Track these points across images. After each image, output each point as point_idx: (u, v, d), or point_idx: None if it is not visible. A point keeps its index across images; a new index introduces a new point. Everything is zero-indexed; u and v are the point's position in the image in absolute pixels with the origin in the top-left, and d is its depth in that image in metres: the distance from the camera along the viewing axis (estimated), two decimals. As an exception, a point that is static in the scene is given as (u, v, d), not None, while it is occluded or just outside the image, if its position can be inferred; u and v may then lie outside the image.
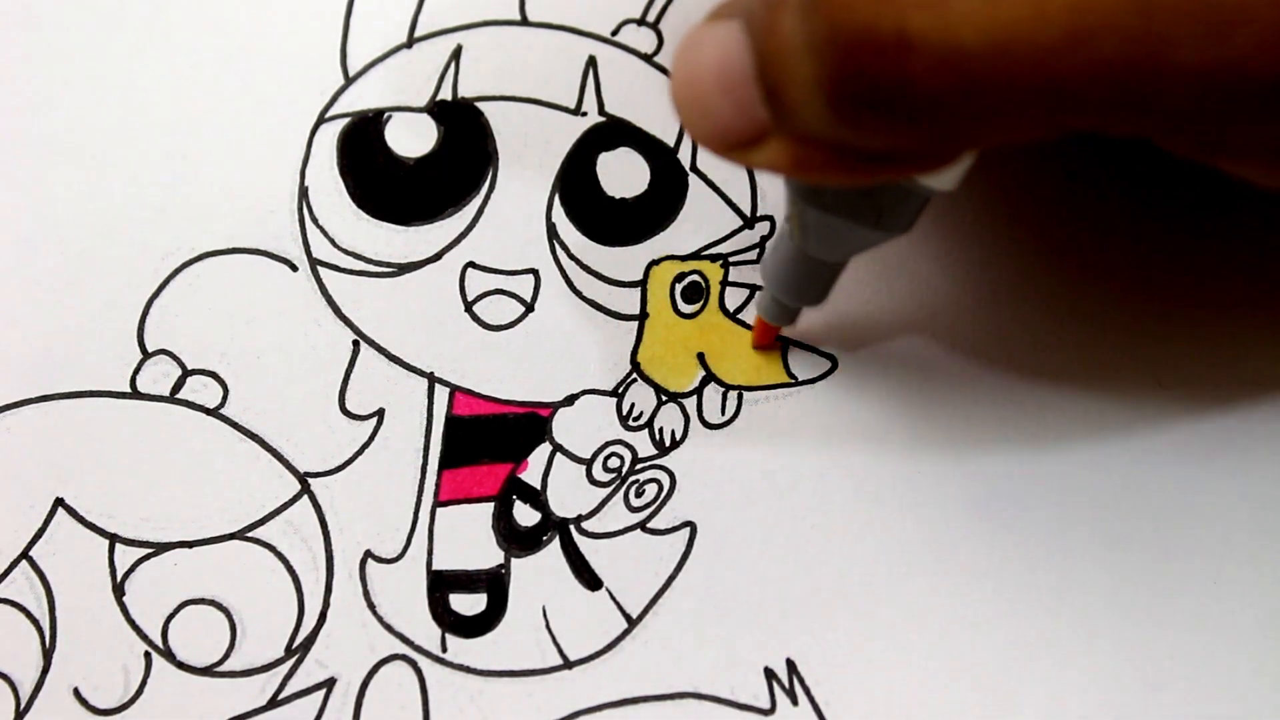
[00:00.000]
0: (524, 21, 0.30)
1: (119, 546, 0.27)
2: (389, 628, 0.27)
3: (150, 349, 0.29)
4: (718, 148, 0.19)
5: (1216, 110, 0.16)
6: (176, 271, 0.29)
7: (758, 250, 0.29)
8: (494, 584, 0.27)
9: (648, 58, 0.30)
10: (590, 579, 0.27)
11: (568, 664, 0.27)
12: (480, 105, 0.30)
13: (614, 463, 0.27)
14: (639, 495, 0.27)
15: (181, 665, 0.27)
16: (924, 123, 0.17)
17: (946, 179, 0.21)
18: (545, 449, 0.28)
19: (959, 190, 0.22)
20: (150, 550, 0.27)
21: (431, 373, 0.28)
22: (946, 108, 0.16)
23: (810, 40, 0.16)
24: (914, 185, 0.21)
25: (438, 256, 0.29)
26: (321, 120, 0.30)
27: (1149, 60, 0.15)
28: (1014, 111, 0.16)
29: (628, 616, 0.27)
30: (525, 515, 0.27)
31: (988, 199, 0.29)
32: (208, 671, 0.27)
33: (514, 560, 0.27)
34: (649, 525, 0.27)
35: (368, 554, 0.27)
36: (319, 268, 0.29)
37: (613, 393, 0.28)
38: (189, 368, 0.28)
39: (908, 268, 0.29)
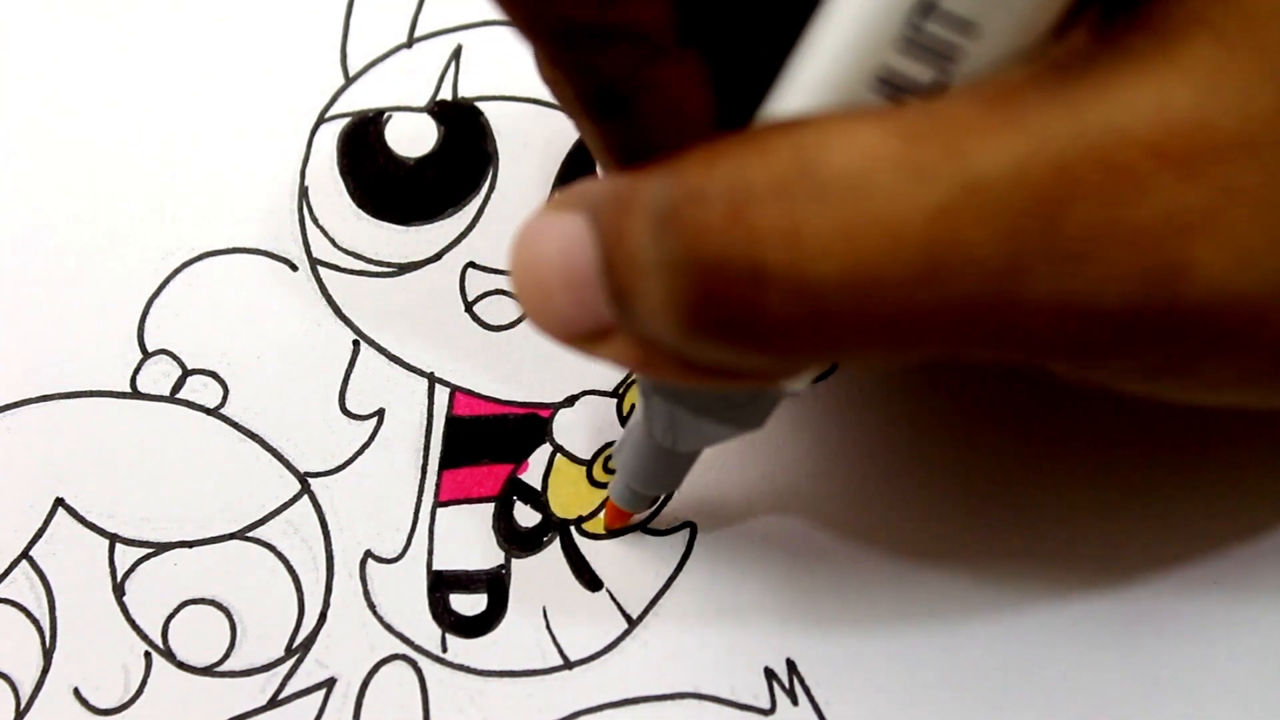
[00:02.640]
0: (524, 21, 0.30)
1: (119, 546, 0.27)
2: (389, 628, 0.27)
3: (150, 349, 0.29)
4: (561, 341, 0.19)
5: (1075, 342, 0.16)
6: (176, 271, 0.29)
7: None
8: (494, 584, 0.27)
9: (648, 58, 0.30)
10: (590, 579, 0.27)
11: (568, 664, 0.27)
12: (480, 105, 0.30)
13: (614, 463, 0.27)
14: (639, 496, 0.27)
15: (181, 665, 0.27)
16: (776, 348, 0.16)
17: (798, 382, 0.20)
18: (546, 449, 0.28)
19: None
20: (150, 550, 0.27)
21: (432, 373, 0.28)
22: (799, 336, 0.16)
23: (663, 261, 0.16)
24: (766, 394, 0.21)
25: (438, 256, 0.29)
26: (321, 120, 0.30)
27: (1004, 295, 0.15)
28: (868, 341, 0.16)
29: (628, 617, 0.27)
30: (526, 516, 0.27)
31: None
32: (208, 671, 0.27)
33: (514, 561, 0.27)
34: (649, 526, 0.27)
35: (368, 554, 0.27)
36: (319, 267, 0.29)
37: (613, 394, 0.28)
38: (189, 367, 0.28)
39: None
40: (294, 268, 0.29)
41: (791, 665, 0.26)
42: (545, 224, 0.18)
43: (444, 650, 0.27)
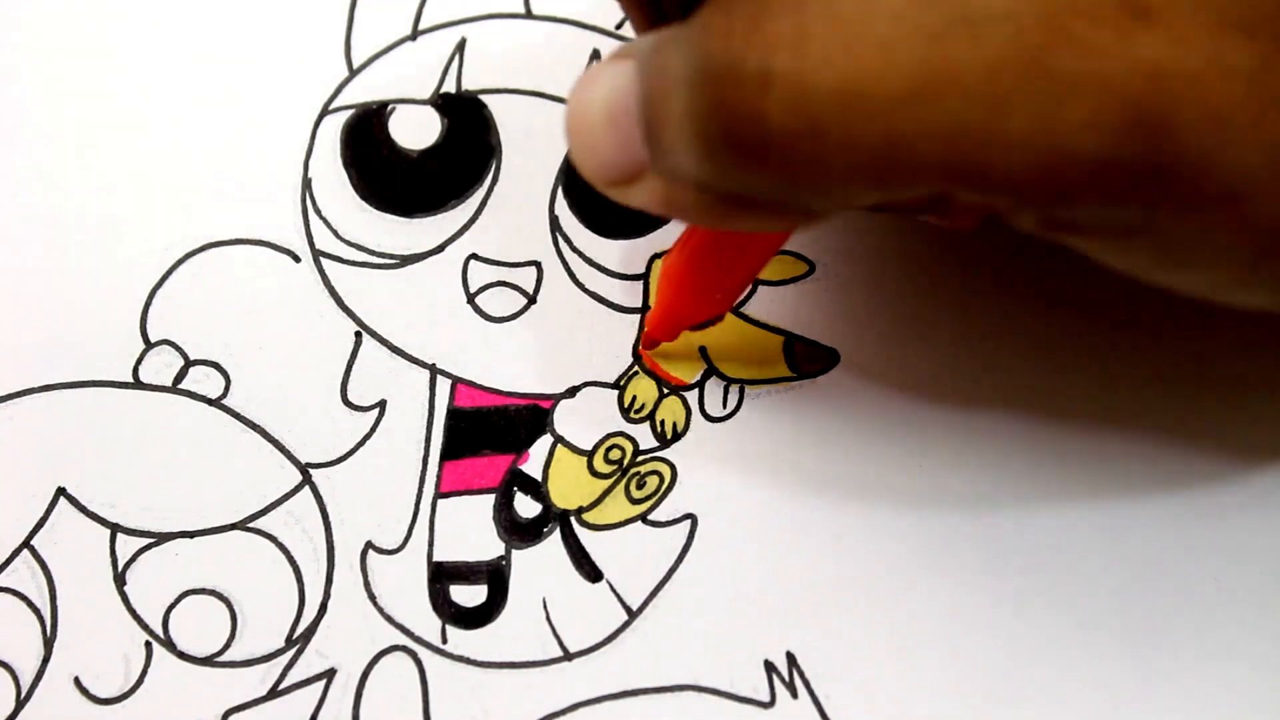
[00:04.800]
0: (528, 14, 0.30)
1: (120, 536, 0.27)
2: (389, 619, 0.27)
3: (153, 339, 0.29)
4: (599, 183, 0.20)
5: (1051, 185, 0.16)
6: (180, 262, 0.29)
7: None
8: (494, 575, 0.27)
9: (651, 51, 0.30)
10: (591, 571, 0.27)
11: (568, 656, 0.27)
12: (484, 98, 0.30)
13: (615, 454, 0.27)
14: (640, 487, 0.27)
15: (182, 655, 0.27)
16: (775, 168, 0.17)
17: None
18: (546, 440, 0.28)
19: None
20: (151, 540, 0.27)
21: (433, 364, 0.28)
22: (793, 155, 0.16)
23: (686, 74, 0.17)
24: None
25: (440, 248, 0.29)
26: (325, 112, 0.30)
27: (988, 125, 0.16)
28: (860, 163, 0.16)
29: (628, 608, 0.27)
30: (526, 507, 0.27)
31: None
32: (208, 661, 0.27)
33: (515, 552, 0.27)
34: (650, 517, 0.27)
35: (369, 545, 0.27)
36: (322, 259, 0.29)
37: (614, 385, 0.28)
38: (191, 358, 0.28)
39: (911, 261, 0.29)
40: (297, 259, 0.29)
41: (791, 658, 0.26)
42: (598, 71, 0.19)
43: (444, 641, 0.27)
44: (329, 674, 0.27)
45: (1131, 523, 0.27)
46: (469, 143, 0.30)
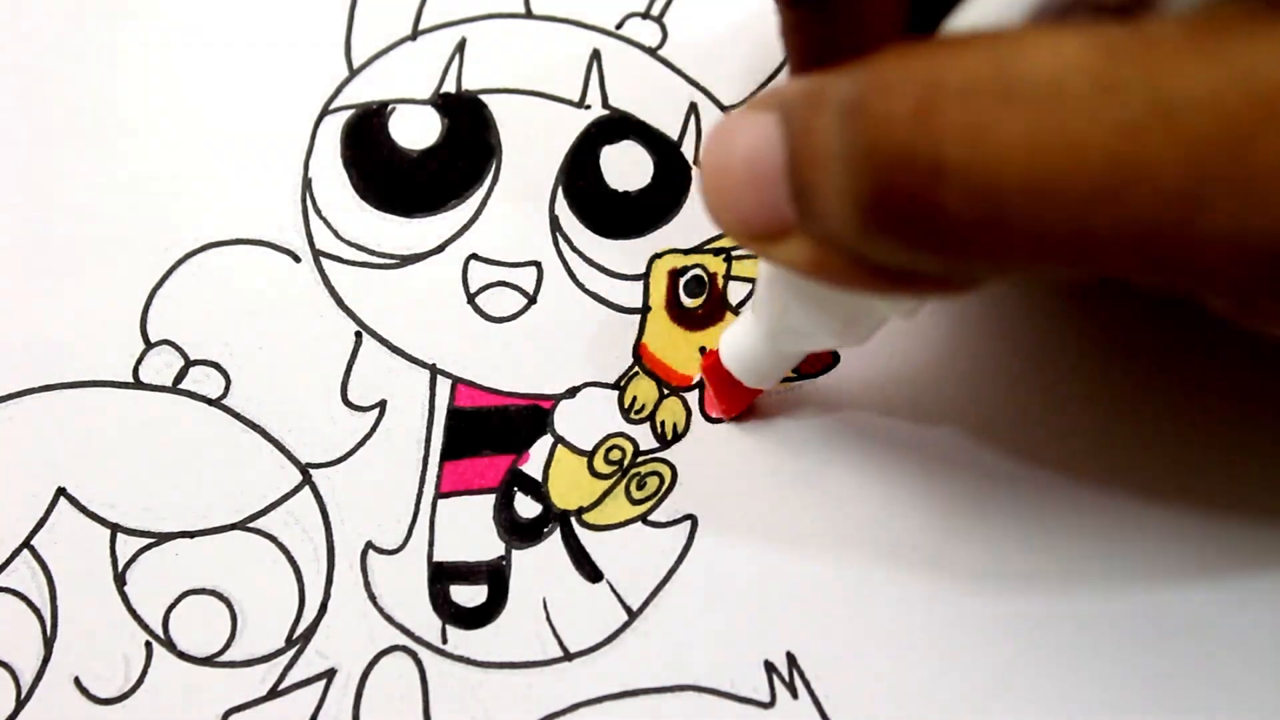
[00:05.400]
0: (528, 14, 0.30)
1: (120, 536, 0.27)
2: (389, 619, 0.27)
3: (153, 339, 0.29)
4: (740, 238, 0.19)
5: (1248, 277, 0.15)
6: (180, 262, 0.29)
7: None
8: (495, 576, 0.27)
9: (652, 51, 0.30)
10: (591, 571, 0.27)
11: (568, 656, 0.27)
12: (484, 98, 0.30)
13: (615, 455, 0.27)
14: (640, 488, 0.27)
15: (182, 655, 0.27)
16: (949, 250, 0.16)
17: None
18: (547, 441, 0.28)
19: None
20: (152, 540, 0.27)
21: (434, 364, 0.28)
22: (972, 239, 0.16)
23: (845, 150, 0.16)
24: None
25: (441, 248, 0.29)
26: (325, 112, 0.30)
27: (1182, 220, 0.15)
28: (1039, 253, 0.16)
29: (628, 609, 0.27)
30: (526, 507, 0.27)
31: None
32: (208, 661, 0.27)
33: (515, 552, 0.27)
34: (650, 518, 0.27)
35: (369, 545, 0.27)
36: (322, 259, 0.29)
37: (615, 385, 0.28)
38: (191, 358, 0.28)
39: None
40: (297, 259, 0.29)
41: (791, 658, 0.26)
42: (737, 122, 0.18)
43: (444, 641, 0.27)
44: (329, 674, 0.27)
45: (1132, 522, 0.27)
46: (469, 142, 0.30)
